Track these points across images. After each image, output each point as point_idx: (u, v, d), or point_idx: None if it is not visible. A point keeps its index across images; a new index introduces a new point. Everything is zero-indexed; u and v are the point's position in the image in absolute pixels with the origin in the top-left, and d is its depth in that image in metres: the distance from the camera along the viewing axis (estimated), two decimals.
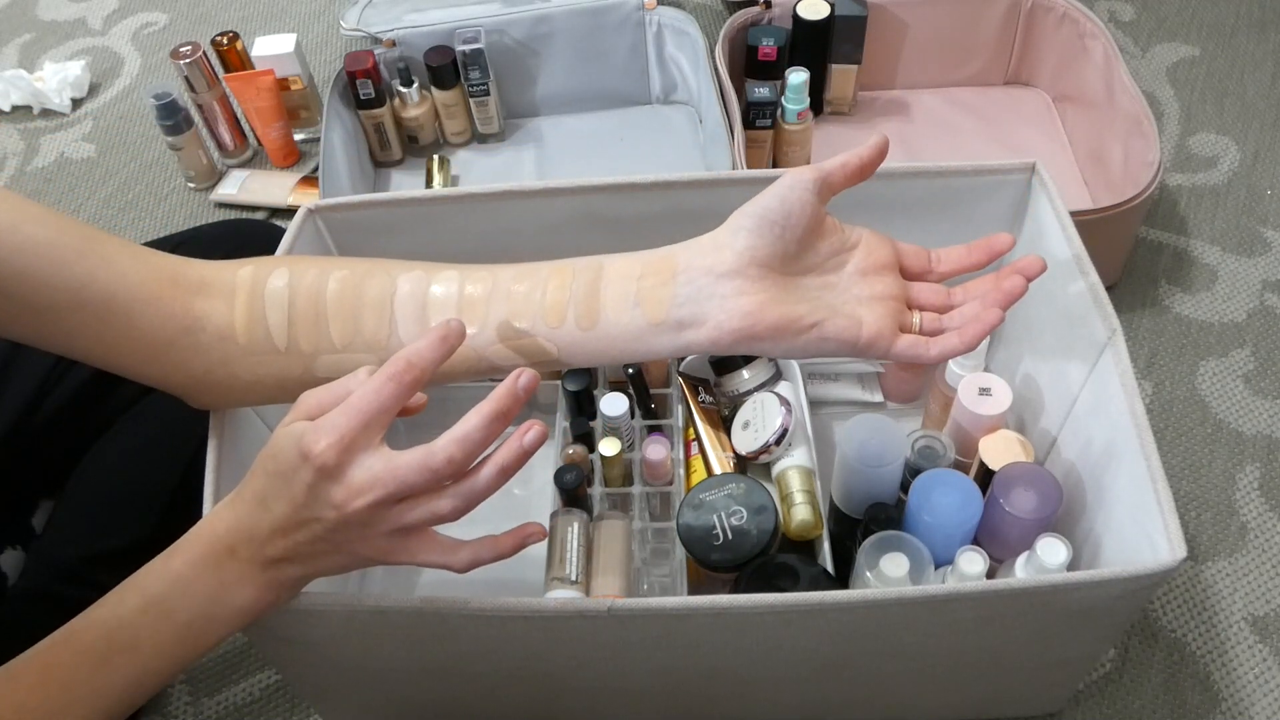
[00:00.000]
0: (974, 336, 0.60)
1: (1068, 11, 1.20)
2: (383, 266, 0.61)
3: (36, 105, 1.42)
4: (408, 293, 0.60)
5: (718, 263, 0.58)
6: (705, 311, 0.58)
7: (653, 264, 0.60)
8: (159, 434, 0.81)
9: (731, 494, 0.75)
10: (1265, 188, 1.19)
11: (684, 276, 0.58)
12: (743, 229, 0.58)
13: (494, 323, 0.60)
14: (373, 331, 0.60)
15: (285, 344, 0.60)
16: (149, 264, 0.58)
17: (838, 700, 0.75)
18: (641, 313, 0.59)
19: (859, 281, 0.61)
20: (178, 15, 1.56)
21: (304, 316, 0.60)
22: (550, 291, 0.60)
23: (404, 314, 0.60)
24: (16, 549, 0.80)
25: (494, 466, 0.53)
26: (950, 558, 0.70)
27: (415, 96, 1.23)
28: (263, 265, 0.61)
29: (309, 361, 0.60)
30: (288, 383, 0.60)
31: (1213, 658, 0.83)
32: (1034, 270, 0.62)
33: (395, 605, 0.61)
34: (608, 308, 0.59)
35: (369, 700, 0.76)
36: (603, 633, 0.62)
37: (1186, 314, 1.07)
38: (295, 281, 0.60)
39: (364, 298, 0.60)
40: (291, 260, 0.62)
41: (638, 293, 0.59)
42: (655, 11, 1.25)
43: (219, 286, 0.60)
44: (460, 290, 0.60)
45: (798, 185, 0.58)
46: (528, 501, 0.92)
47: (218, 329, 0.59)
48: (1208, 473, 0.95)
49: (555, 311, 0.59)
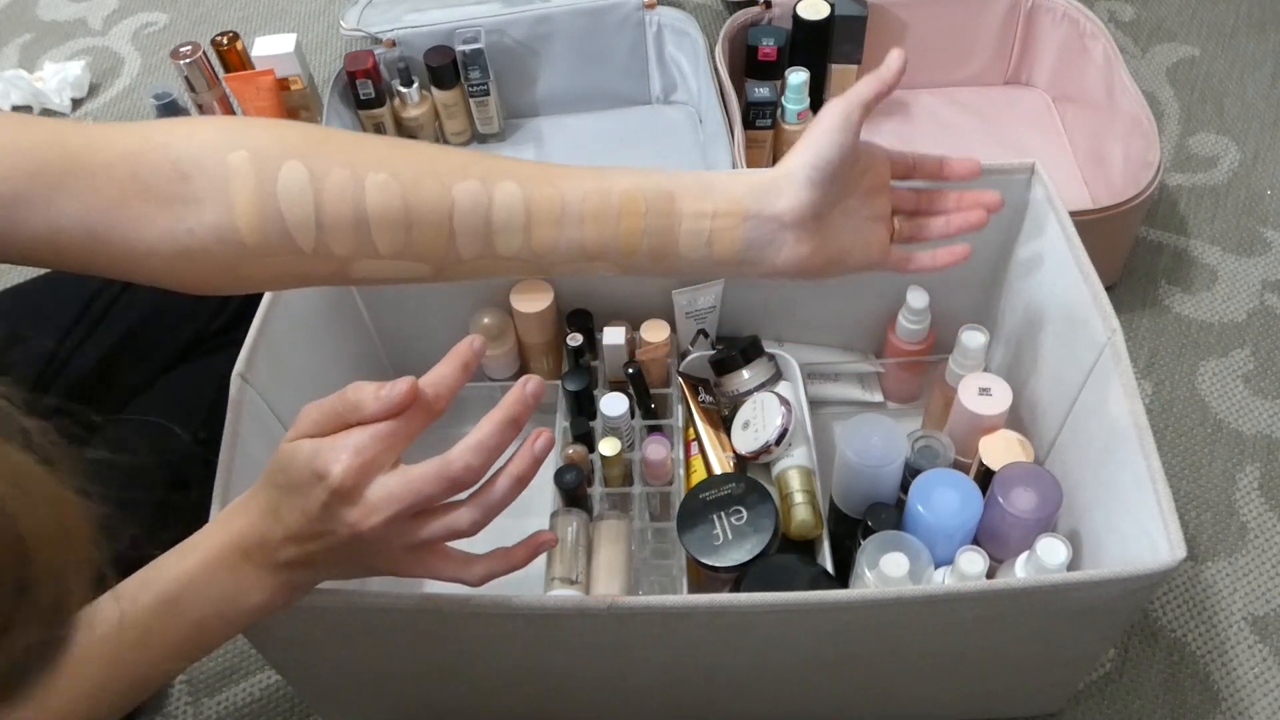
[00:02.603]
0: (944, 263, 0.67)
1: (1068, 11, 1.20)
2: (428, 166, 0.55)
3: (36, 105, 1.42)
4: (468, 208, 0.55)
5: (784, 213, 0.60)
6: (767, 256, 0.61)
7: (724, 204, 0.60)
8: (151, 436, 0.81)
9: (731, 494, 0.75)
10: (1265, 188, 1.19)
11: (752, 223, 0.60)
12: (809, 183, 0.60)
13: (566, 246, 0.58)
14: (428, 246, 0.55)
15: (312, 248, 0.53)
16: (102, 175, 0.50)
17: (837, 699, 0.75)
18: (712, 251, 0.60)
19: (868, 202, 0.64)
20: (178, 15, 1.56)
21: (338, 223, 0.53)
22: (624, 226, 0.59)
23: (464, 231, 0.56)
24: None
25: (509, 478, 0.53)
26: (950, 558, 0.70)
27: (415, 96, 1.23)
28: (262, 153, 0.52)
29: (344, 265, 0.55)
30: (312, 278, 0.56)
31: (1213, 658, 0.83)
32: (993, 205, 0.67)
33: (395, 604, 0.61)
34: (681, 244, 0.60)
35: (369, 700, 0.76)
36: (603, 631, 0.62)
37: (1186, 314, 1.07)
38: (319, 183, 0.52)
39: (416, 209, 0.54)
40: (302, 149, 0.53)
41: (711, 233, 0.60)
42: (655, 11, 1.25)
43: (206, 180, 0.51)
44: (526, 209, 0.57)
45: (850, 129, 0.60)
46: (528, 501, 0.91)
47: (214, 231, 0.51)
48: (1208, 473, 0.95)
49: (630, 242, 0.59)
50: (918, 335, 0.90)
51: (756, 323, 0.94)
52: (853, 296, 0.91)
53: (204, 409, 0.82)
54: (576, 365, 0.88)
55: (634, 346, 0.89)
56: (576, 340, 0.88)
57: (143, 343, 0.84)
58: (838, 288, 0.90)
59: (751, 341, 0.87)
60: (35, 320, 0.82)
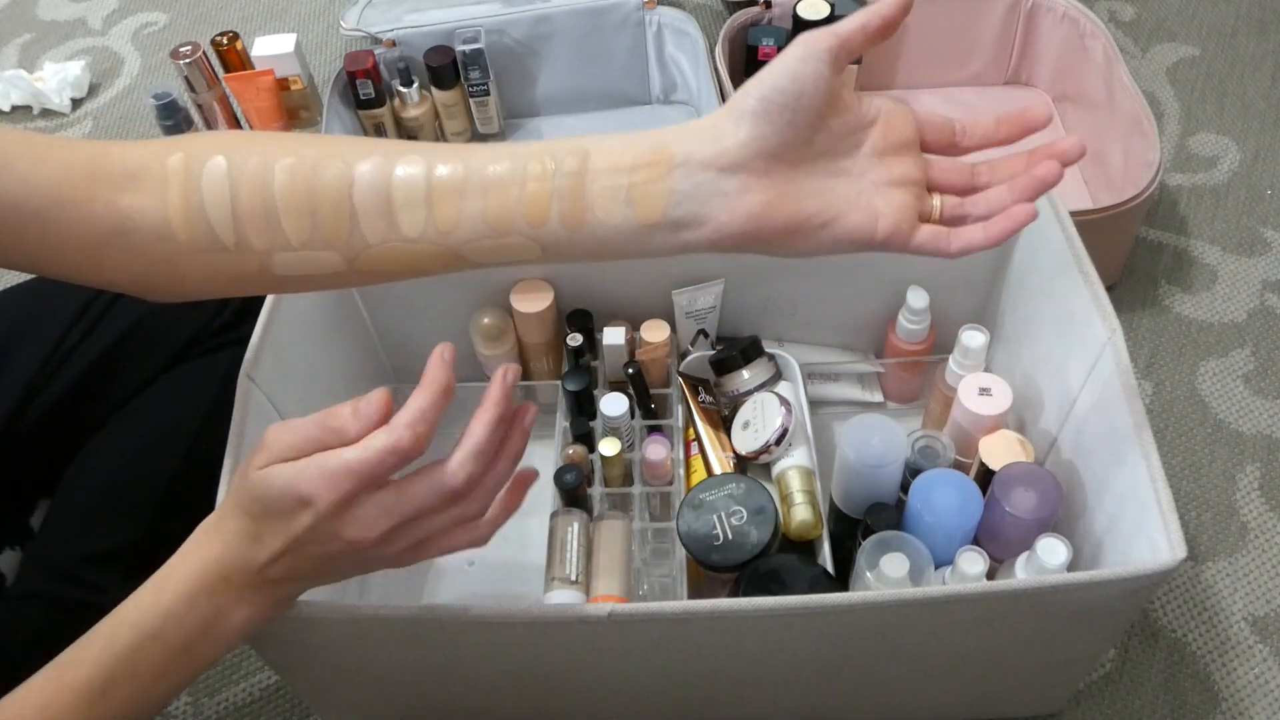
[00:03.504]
0: (1000, 233, 0.53)
1: (1068, 11, 1.20)
2: (336, 149, 0.53)
3: (36, 105, 1.42)
4: (368, 184, 0.52)
5: (719, 155, 0.50)
6: (706, 211, 0.51)
7: (646, 154, 0.51)
8: (152, 432, 0.81)
9: (731, 494, 0.75)
10: (1265, 188, 1.19)
11: (681, 171, 0.51)
12: (748, 115, 0.50)
13: (469, 219, 0.52)
14: (333, 230, 0.53)
15: (234, 241, 0.53)
16: (58, 162, 0.52)
17: (838, 701, 0.75)
18: (634, 212, 0.51)
19: (876, 164, 0.53)
20: (178, 15, 1.56)
21: (251, 211, 0.52)
22: (530, 184, 0.52)
23: (366, 211, 0.52)
24: (15, 549, 0.80)
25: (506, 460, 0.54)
26: (950, 558, 0.70)
27: (415, 96, 1.23)
28: (195, 150, 0.53)
29: (264, 259, 0.54)
30: (244, 280, 0.55)
31: (1213, 658, 0.83)
32: (1072, 155, 0.54)
33: (395, 613, 0.61)
34: (596, 207, 0.51)
35: (369, 702, 0.75)
36: (603, 637, 0.62)
37: (1186, 314, 1.07)
38: (236, 171, 0.52)
39: (318, 190, 0.52)
40: (226, 143, 0.53)
41: (629, 189, 0.51)
42: (655, 11, 1.25)
43: (147, 178, 0.53)
44: (428, 181, 0.52)
45: (811, 56, 0.50)
46: (528, 501, 0.91)
47: (153, 227, 0.53)
48: (1208, 473, 0.95)
49: (537, 208, 0.52)
50: (918, 335, 0.90)
51: (756, 323, 0.94)
52: (853, 297, 0.91)
53: (205, 407, 0.82)
54: (576, 365, 0.88)
55: (634, 346, 0.89)
56: (576, 340, 0.88)
57: (143, 341, 0.83)
58: (838, 287, 0.90)
59: (751, 341, 0.87)
60: (36, 318, 0.82)
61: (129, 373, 0.83)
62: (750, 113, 0.50)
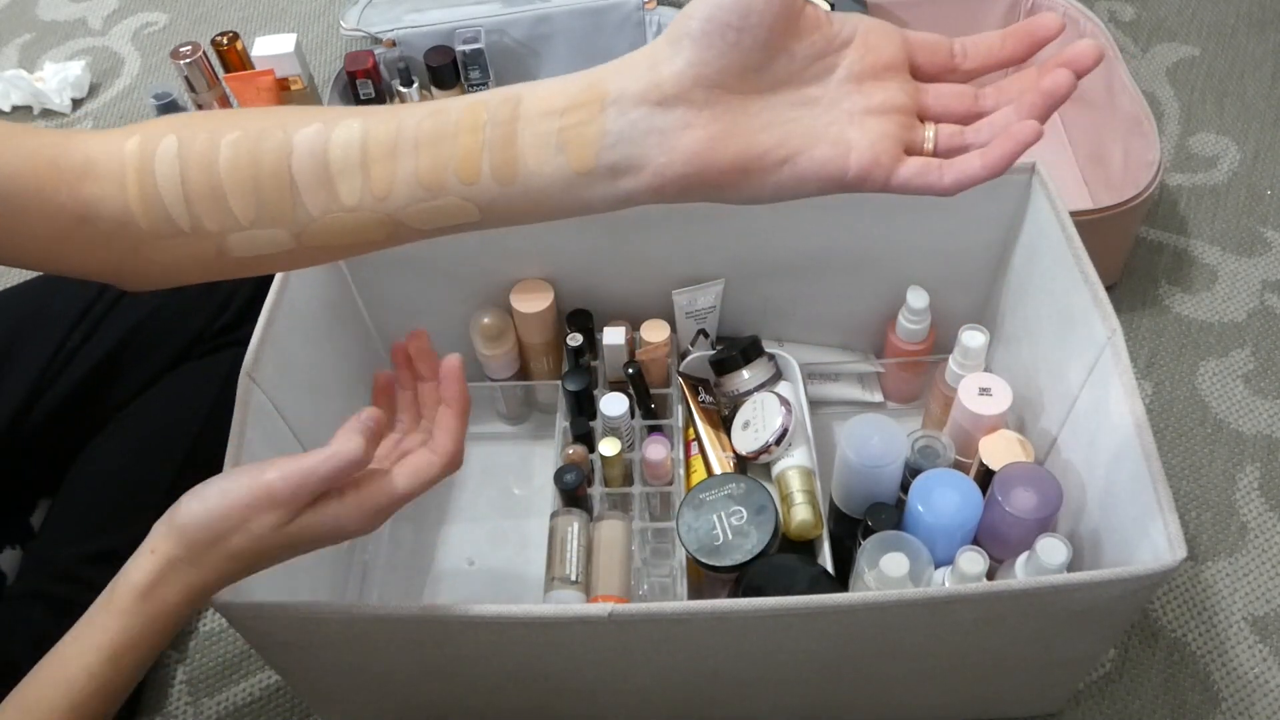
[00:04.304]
0: (1000, 158, 0.45)
1: (1067, 11, 1.20)
2: (278, 120, 0.51)
3: (37, 105, 1.42)
4: (306, 152, 0.49)
5: (653, 87, 0.45)
6: (643, 153, 0.45)
7: (577, 95, 0.46)
8: (153, 432, 0.81)
9: (731, 494, 0.75)
10: (1265, 188, 1.19)
11: (614, 110, 0.45)
12: (686, 38, 0.44)
13: (403, 180, 0.49)
14: (275, 204, 0.50)
15: (189, 224, 0.51)
16: (20, 151, 0.51)
17: (838, 701, 0.75)
18: (566, 159, 0.46)
19: (851, 91, 0.46)
20: (178, 15, 1.56)
21: (200, 192, 0.50)
22: (462, 138, 0.48)
23: (305, 181, 0.50)
24: (15, 548, 0.80)
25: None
26: (950, 558, 0.70)
27: (415, 96, 1.23)
28: (150, 134, 0.51)
29: (219, 241, 0.52)
30: (206, 264, 0.53)
31: (1213, 658, 0.83)
32: (1086, 61, 0.46)
33: (395, 613, 0.60)
34: (527, 156, 0.47)
35: (369, 702, 0.75)
36: (603, 637, 0.62)
37: (1186, 314, 1.07)
38: (185, 151, 0.50)
39: (261, 164, 0.50)
40: (180, 124, 0.52)
41: (560, 133, 0.46)
42: (655, 11, 1.25)
43: (106, 165, 0.51)
44: (363, 143, 0.49)
45: None
46: (528, 501, 0.92)
47: (114, 215, 0.51)
48: (1208, 473, 0.95)
49: (469, 164, 0.48)
50: (918, 335, 0.90)
51: (756, 323, 0.94)
52: (853, 297, 0.91)
53: (206, 408, 0.82)
54: (576, 365, 0.88)
55: (634, 346, 0.89)
56: (576, 340, 0.88)
57: (145, 341, 0.84)
58: (838, 287, 0.90)
59: (751, 341, 0.87)
60: (38, 319, 0.82)
61: (131, 374, 0.83)
62: (687, 36, 0.44)
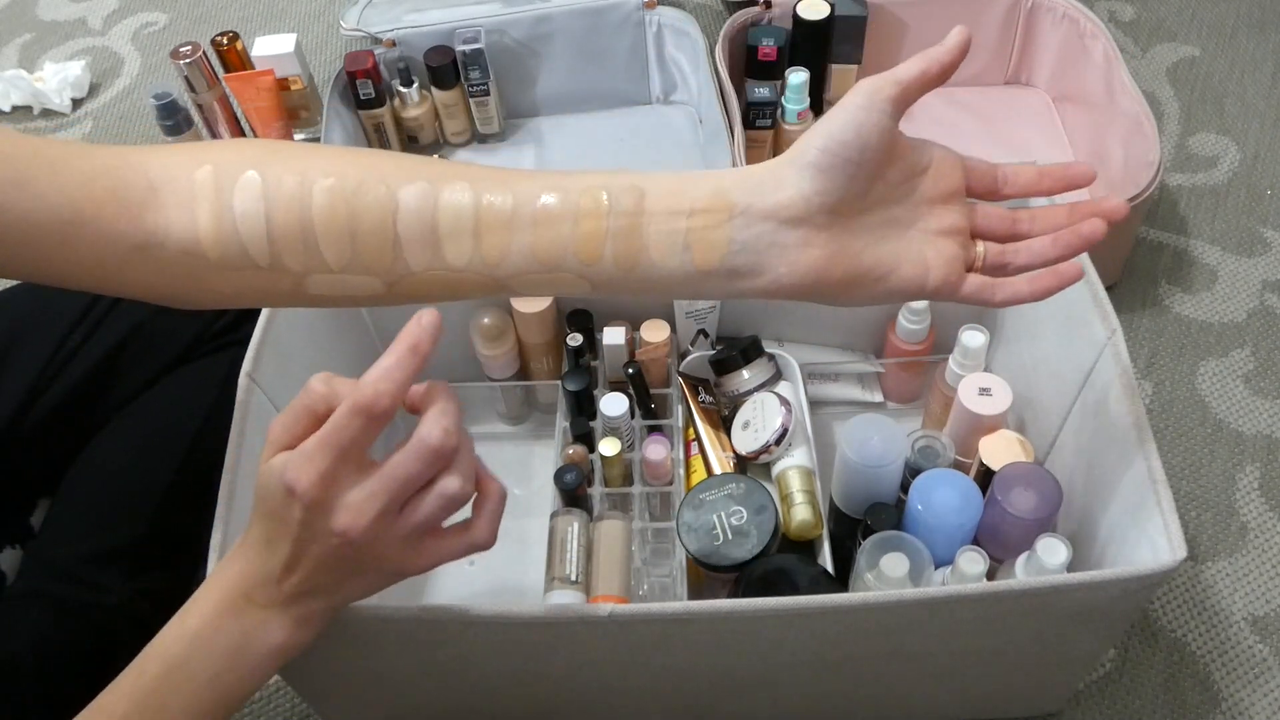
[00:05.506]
0: (1046, 289, 0.54)
1: (1068, 11, 1.20)
2: (377, 173, 0.52)
3: (37, 105, 1.42)
4: (412, 211, 0.51)
5: (781, 207, 0.50)
6: (764, 262, 0.50)
7: (704, 199, 0.50)
8: (153, 432, 0.81)
9: (731, 494, 0.75)
10: (1265, 188, 1.19)
11: (741, 220, 0.50)
12: (812, 168, 0.50)
13: (518, 252, 0.51)
14: (374, 256, 0.51)
15: (268, 261, 0.51)
16: (76, 176, 0.50)
17: (838, 700, 0.75)
18: (691, 258, 0.51)
19: (926, 213, 0.53)
20: (178, 15, 1.56)
21: (287, 234, 0.51)
22: (584, 221, 0.51)
23: (410, 238, 0.51)
24: (15, 548, 0.80)
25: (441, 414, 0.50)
26: (950, 558, 0.70)
27: (415, 96, 1.23)
28: (224, 164, 0.51)
29: (298, 280, 0.52)
30: (274, 295, 0.54)
31: (1213, 658, 0.83)
32: (1117, 215, 0.54)
33: (395, 613, 0.60)
34: (651, 249, 0.51)
35: (369, 702, 0.75)
36: (603, 638, 0.62)
37: (1186, 314, 1.07)
38: (272, 190, 0.51)
39: (360, 215, 0.51)
40: (257, 157, 0.52)
41: (687, 233, 0.50)
42: (655, 11, 1.25)
43: (172, 193, 0.51)
44: (475, 212, 0.51)
45: (875, 107, 0.50)
46: (528, 501, 0.92)
47: (179, 243, 0.51)
48: (1208, 473, 0.95)
49: (590, 247, 0.51)
50: (918, 335, 0.90)
51: (756, 323, 0.94)
52: None
53: (206, 408, 0.82)
54: (576, 365, 0.88)
55: (634, 346, 0.89)
56: (576, 340, 0.88)
57: (145, 342, 0.84)
58: None
59: (751, 341, 0.87)
60: (38, 318, 0.82)
61: (131, 373, 0.83)
62: (813, 167, 0.50)
